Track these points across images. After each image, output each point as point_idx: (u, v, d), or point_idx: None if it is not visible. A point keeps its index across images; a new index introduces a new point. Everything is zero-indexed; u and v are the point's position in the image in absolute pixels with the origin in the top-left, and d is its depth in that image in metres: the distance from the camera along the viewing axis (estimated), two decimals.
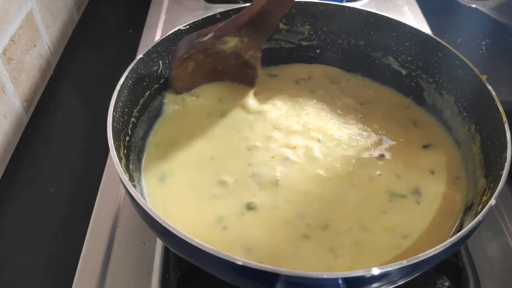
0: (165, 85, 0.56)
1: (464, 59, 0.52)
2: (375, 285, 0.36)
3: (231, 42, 0.53)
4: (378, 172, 0.50)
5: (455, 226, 0.46)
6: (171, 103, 0.56)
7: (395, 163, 0.51)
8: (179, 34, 0.55)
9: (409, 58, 0.59)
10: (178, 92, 0.56)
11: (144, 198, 0.46)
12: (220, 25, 0.53)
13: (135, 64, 0.50)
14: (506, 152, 0.42)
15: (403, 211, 0.47)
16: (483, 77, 0.49)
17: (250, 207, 0.46)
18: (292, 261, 0.42)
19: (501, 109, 0.46)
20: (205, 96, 0.58)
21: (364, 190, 0.49)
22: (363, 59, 0.63)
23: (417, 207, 0.47)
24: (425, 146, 0.54)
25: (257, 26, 0.53)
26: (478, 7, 0.66)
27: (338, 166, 0.51)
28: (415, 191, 0.48)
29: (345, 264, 0.42)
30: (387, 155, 0.52)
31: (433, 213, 0.47)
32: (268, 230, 0.45)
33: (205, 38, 0.52)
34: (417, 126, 0.56)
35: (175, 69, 0.54)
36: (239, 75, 0.58)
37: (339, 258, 0.42)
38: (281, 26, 0.62)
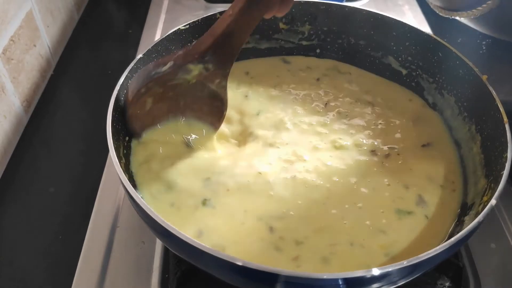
0: None
1: (465, 59, 0.52)
2: (375, 285, 0.36)
3: (195, 71, 0.47)
4: (384, 182, 0.49)
5: (449, 232, 0.46)
6: (138, 153, 0.49)
7: (398, 169, 0.50)
8: (179, 34, 0.55)
9: (409, 58, 0.59)
10: (137, 133, 0.49)
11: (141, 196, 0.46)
12: (180, 52, 0.48)
13: (135, 64, 0.50)
14: (506, 152, 0.42)
15: (406, 226, 0.45)
16: (484, 77, 0.49)
17: (205, 202, 0.46)
18: (242, 253, 0.42)
19: (501, 109, 0.46)
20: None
21: (365, 203, 0.47)
22: (364, 59, 0.63)
23: (424, 220, 0.46)
24: (424, 145, 0.53)
25: (222, 50, 0.48)
26: (459, 18, 0.65)
27: (337, 179, 0.49)
28: (420, 201, 0.48)
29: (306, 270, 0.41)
30: (390, 161, 0.51)
31: (429, 222, 0.46)
32: (228, 228, 0.44)
33: (164, 68, 0.46)
34: (419, 122, 0.56)
35: (131, 108, 0.47)
36: (204, 109, 0.51)
37: (301, 268, 0.42)
38: (281, 26, 0.62)
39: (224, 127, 0.54)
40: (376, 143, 0.53)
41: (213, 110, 0.52)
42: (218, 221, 0.44)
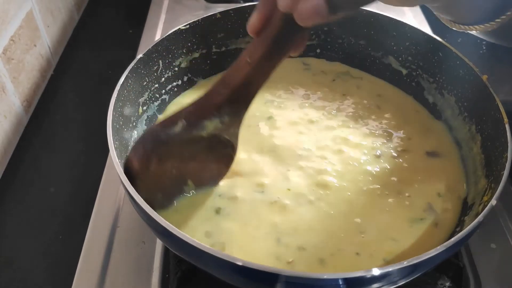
0: (165, 85, 0.56)
1: (465, 59, 0.52)
2: (375, 285, 0.36)
3: (210, 126, 0.43)
4: (395, 189, 0.49)
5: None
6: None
7: (407, 176, 0.50)
8: (179, 34, 0.55)
9: (409, 58, 0.59)
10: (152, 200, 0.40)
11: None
12: (190, 108, 0.42)
13: (135, 64, 0.50)
14: (507, 152, 0.42)
15: (413, 234, 0.45)
16: (484, 77, 0.49)
17: (218, 211, 0.46)
18: (243, 252, 0.42)
19: (501, 109, 0.46)
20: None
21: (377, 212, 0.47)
22: (364, 59, 0.63)
23: (432, 227, 0.46)
24: (433, 153, 0.53)
25: (239, 101, 0.43)
26: (475, 33, 0.64)
27: (348, 185, 0.49)
28: (428, 208, 0.47)
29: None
30: (400, 168, 0.51)
31: (436, 230, 0.46)
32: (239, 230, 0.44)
33: (176, 129, 0.42)
34: (428, 132, 0.56)
35: (139, 176, 0.42)
36: (211, 157, 0.46)
37: (295, 267, 0.42)
38: None
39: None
40: (386, 150, 0.53)
41: (221, 158, 0.48)
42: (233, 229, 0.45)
